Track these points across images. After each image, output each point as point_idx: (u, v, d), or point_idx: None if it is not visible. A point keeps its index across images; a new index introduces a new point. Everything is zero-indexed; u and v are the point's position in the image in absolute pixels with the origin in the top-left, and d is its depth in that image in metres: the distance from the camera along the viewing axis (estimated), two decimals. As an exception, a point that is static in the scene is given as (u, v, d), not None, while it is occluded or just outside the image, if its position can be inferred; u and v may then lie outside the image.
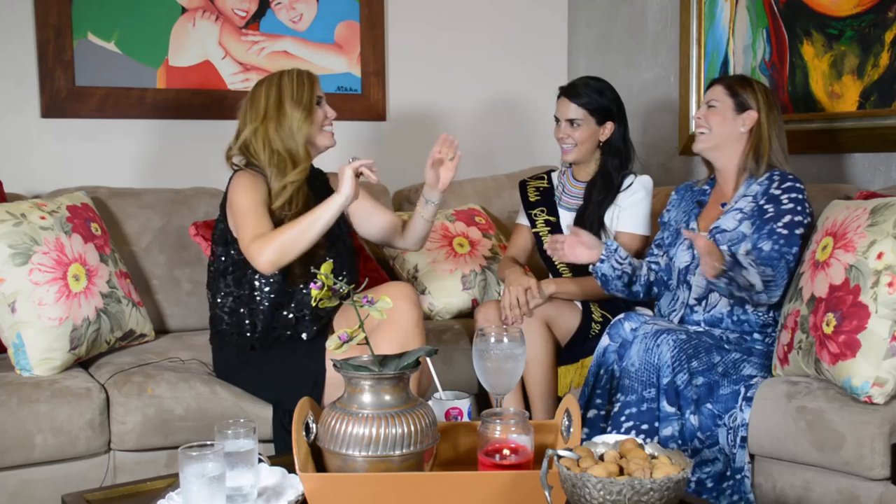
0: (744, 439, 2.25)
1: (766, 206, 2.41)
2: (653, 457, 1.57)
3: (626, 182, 2.84)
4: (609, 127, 2.86)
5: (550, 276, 2.93)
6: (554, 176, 3.02)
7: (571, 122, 2.84)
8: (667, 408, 2.27)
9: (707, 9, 3.37)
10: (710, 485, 2.25)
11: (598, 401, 2.38)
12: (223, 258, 2.47)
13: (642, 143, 3.69)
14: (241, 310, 2.45)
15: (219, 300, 2.49)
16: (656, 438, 2.28)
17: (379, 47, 3.60)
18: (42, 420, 2.29)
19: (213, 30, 3.31)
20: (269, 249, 2.27)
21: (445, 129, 3.77)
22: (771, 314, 2.43)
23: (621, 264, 2.53)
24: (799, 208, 2.38)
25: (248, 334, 2.45)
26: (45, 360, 2.42)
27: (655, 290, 2.63)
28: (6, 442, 2.25)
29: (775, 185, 2.44)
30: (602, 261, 2.53)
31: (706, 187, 2.64)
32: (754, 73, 3.19)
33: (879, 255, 2.09)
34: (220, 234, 2.50)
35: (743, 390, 2.29)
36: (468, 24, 3.81)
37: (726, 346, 2.37)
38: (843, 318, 2.11)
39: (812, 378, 2.24)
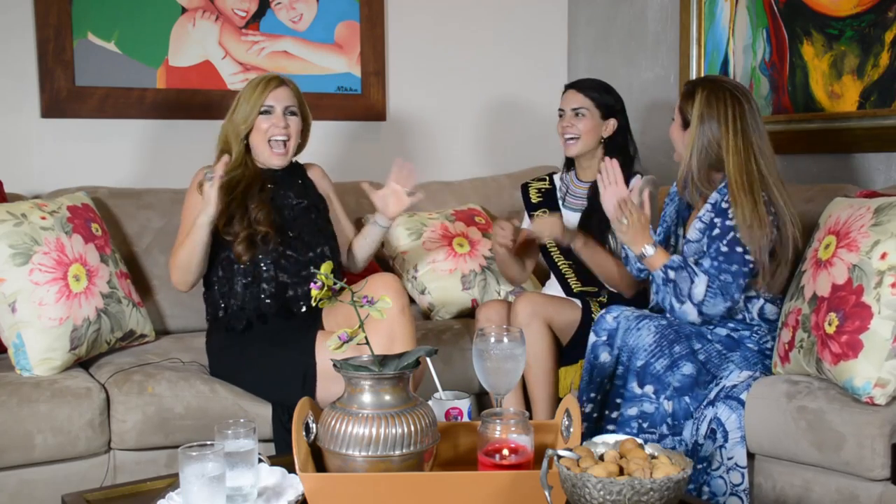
0: (712, 432, 2.26)
1: (715, 220, 2.38)
2: (653, 457, 1.57)
3: (632, 183, 2.84)
4: (612, 124, 2.88)
5: (556, 280, 2.93)
6: (556, 178, 3.02)
7: (576, 112, 2.84)
8: (635, 389, 2.30)
9: (707, 9, 3.37)
10: None
11: (592, 394, 2.40)
12: None
13: (642, 143, 3.68)
14: (219, 299, 2.57)
15: (204, 292, 2.64)
16: (616, 414, 2.33)
17: (379, 47, 3.60)
18: (42, 420, 2.29)
19: (213, 30, 3.31)
20: (174, 273, 2.57)
21: (445, 128, 3.79)
22: (762, 315, 2.43)
23: None
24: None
25: (222, 315, 2.55)
26: (45, 360, 2.42)
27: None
28: (6, 442, 2.25)
29: (726, 196, 2.37)
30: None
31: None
32: (754, 73, 3.20)
33: (883, 256, 2.09)
34: None
35: (725, 385, 2.30)
36: (468, 24, 3.81)
37: (709, 336, 2.38)
38: (846, 318, 2.11)
39: (813, 377, 2.24)
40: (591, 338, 2.44)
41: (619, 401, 2.34)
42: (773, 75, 3.13)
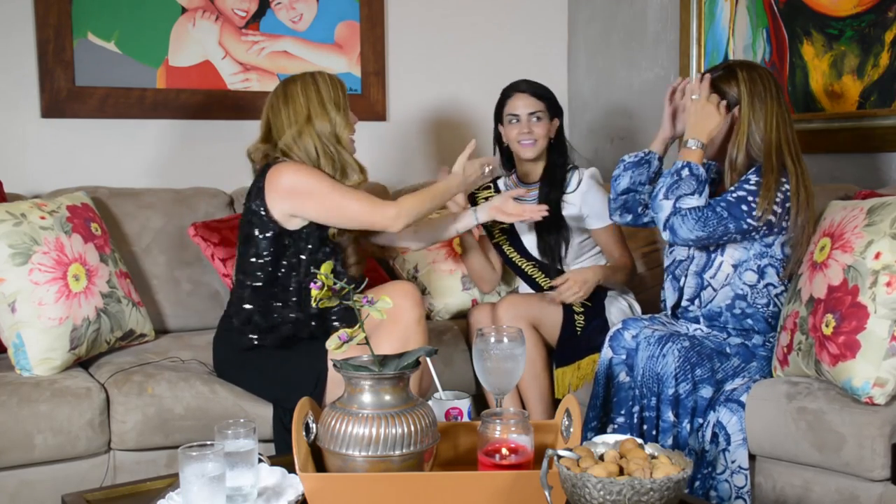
0: (715, 436, 2.26)
1: (735, 183, 2.35)
2: (653, 457, 1.57)
3: (574, 180, 2.85)
4: (555, 123, 2.90)
5: (526, 284, 2.93)
6: (500, 182, 3.02)
7: (533, 115, 2.85)
8: (670, 417, 2.27)
9: (707, 9, 3.37)
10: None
11: (612, 414, 2.36)
12: (265, 253, 2.44)
13: (641, 144, 3.69)
14: (275, 303, 2.44)
15: (246, 294, 2.45)
16: None
17: (379, 47, 3.60)
18: (42, 420, 2.29)
19: (213, 30, 3.31)
20: (407, 217, 2.45)
21: (445, 128, 3.79)
22: (774, 307, 2.41)
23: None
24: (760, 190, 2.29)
25: (272, 326, 2.43)
26: (45, 360, 2.42)
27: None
28: (6, 442, 2.25)
29: (750, 171, 2.36)
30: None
31: (712, 163, 2.57)
32: (754, 73, 3.19)
33: (877, 255, 2.09)
34: (259, 224, 2.43)
35: (725, 389, 2.30)
36: (468, 24, 3.81)
37: (728, 349, 2.36)
38: (843, 318, 2.11)
39: (812, 379, 2.24)
40: (606, 353, 2.40)
41: (654, 432, 2.30)
42: (773, 75, 3.13)
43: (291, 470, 1.75)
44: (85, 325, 2.50)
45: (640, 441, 1.63)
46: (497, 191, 2.99)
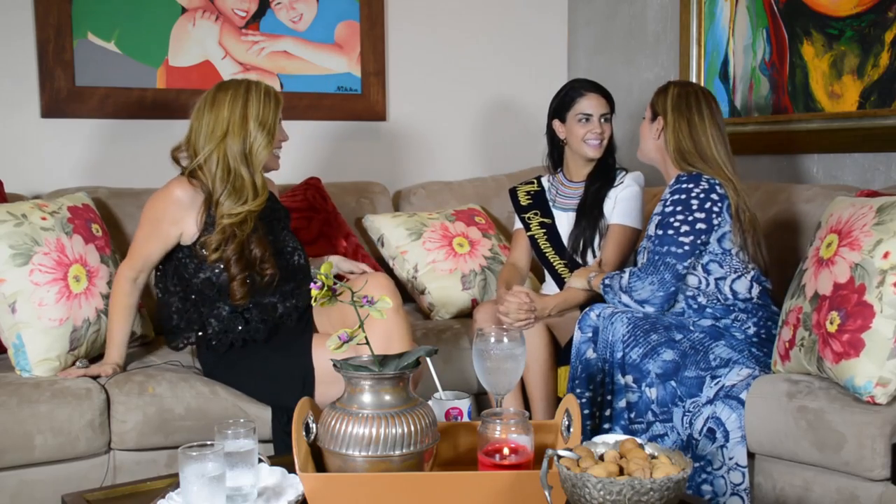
0: (711, 432, 2.26)
1: (657, 209, 2.49)
2: (653, 457, 1.58)
3: (619, 177, 2.89)
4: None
5: (552, 280, 2.93)
6: (544, 180, 3.02)
7: (603, 116, 2.88)
8: (620, 380, 2.35)
9: (707, 9, 3.37)
10: None
11: (578, 390, 2.43)
12: (176, 261, 2.50)
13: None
14: (197, 319, 2.46)
15: (168, 298, 2.51)
16: (609, 411, 2.36)
17: (379, 47, 3.60)
18: (42, 420, 2.28)
19: (213, 30, 3.31)
20: (112, 293, 2.50)
21: (445, 128, 3.79)
22: (731, 298, 2.46)
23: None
24: (679, 208, 2.41)
25: (201, 333, 2.45)
26: (44, 361, 2.42)
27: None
28: (6, 442, 2.25)
29: (669, 187, 2.49)
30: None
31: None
32: (754, 73, 3.20)
33: (885, 255, 2.08)
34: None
35: (724, 383, 2.30)
36: (468, 24, 3.81)
37: (691, 326, 2.41)
38: (848, 316, 2.11)
39: (814, 377, 2.24)
40: (577, 335, 2.46)
41: (609, 397, 2.38)
42: (773, 75, 3.13)
43: (291, 470, 1.75)
44: (85, 326, 2.50)
45: (639, 441, 1.63)
46: (540, 186, 3.01)
